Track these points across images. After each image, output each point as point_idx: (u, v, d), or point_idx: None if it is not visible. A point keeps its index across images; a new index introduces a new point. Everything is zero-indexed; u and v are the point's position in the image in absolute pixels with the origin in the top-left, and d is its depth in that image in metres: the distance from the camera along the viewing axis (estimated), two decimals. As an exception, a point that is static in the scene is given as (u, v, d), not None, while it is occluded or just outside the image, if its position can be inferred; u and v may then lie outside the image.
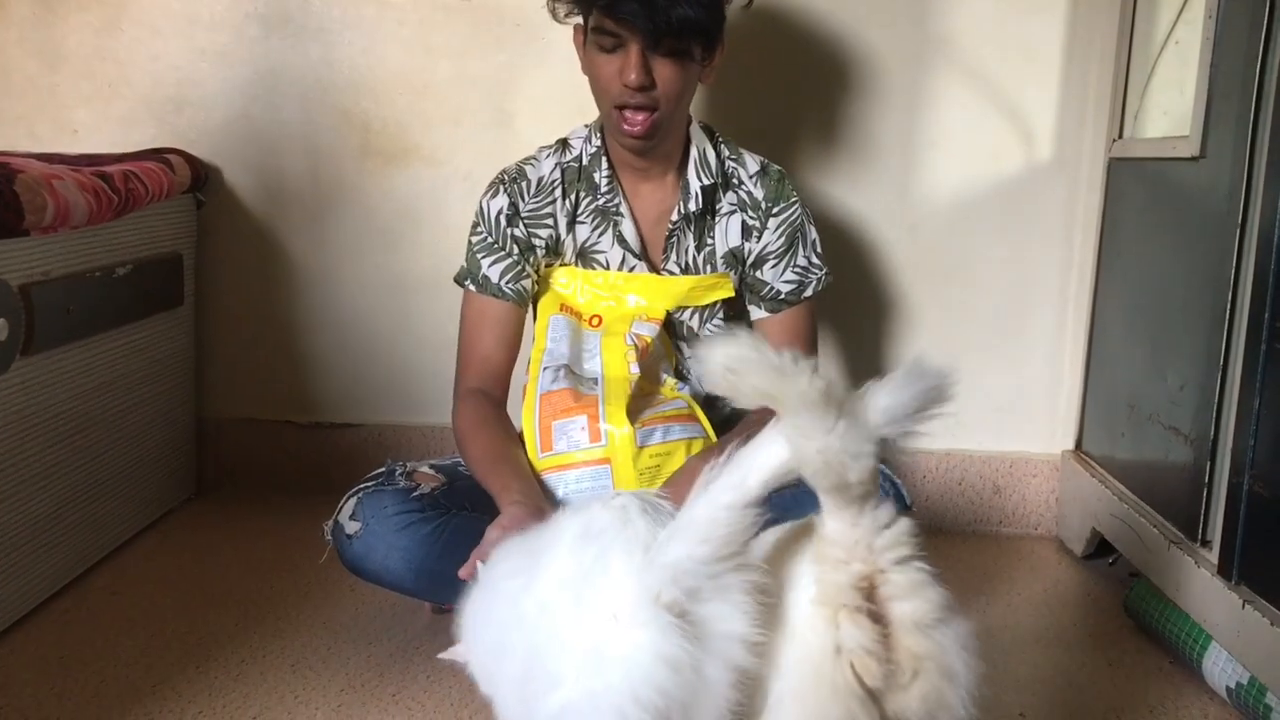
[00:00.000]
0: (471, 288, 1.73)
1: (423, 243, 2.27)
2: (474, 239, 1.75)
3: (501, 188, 1.74)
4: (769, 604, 0.94)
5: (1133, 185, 2.02)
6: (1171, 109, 1.95)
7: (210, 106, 2.25)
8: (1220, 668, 1.58)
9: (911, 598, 0.92)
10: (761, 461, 0.91)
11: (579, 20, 1.67)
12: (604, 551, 0.99)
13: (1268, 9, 1.53)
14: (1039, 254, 2.24)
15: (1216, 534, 1.62)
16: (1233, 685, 1.55)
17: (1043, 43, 2.17)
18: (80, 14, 2.23)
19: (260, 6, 2.21)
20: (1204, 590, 1.61)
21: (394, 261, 2.29)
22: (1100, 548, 2.11)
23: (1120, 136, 2.08)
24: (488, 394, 1.71)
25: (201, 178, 2.21)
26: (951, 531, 2.30)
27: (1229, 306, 1.60)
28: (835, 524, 0.92)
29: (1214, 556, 1.62)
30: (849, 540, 0.92)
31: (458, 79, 2.23)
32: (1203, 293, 1.69)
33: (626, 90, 1.59)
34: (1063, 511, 2.26)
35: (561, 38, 2.16)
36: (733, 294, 1.75)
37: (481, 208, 1.75)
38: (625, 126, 1.62)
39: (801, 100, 2.20)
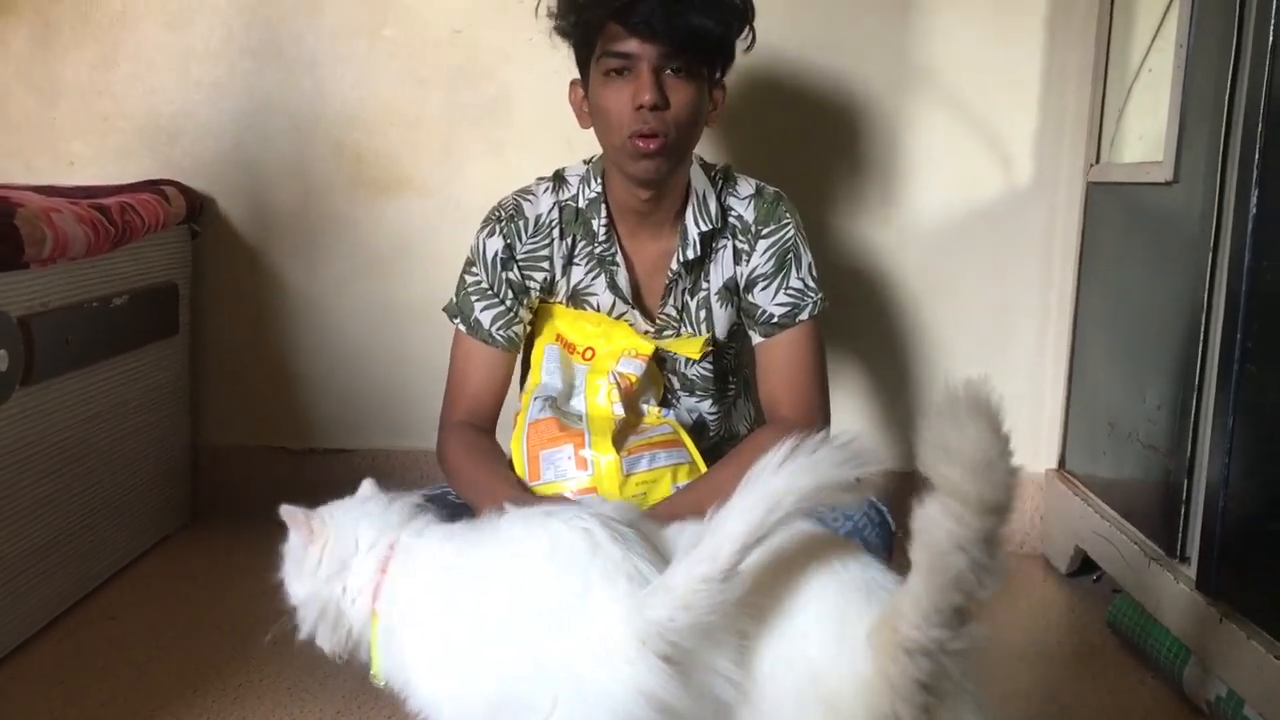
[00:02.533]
0: (462, 328, 1.71)
1: (414, 271, 2.31)
2: (468, 278, 1.72)
3: (498, 226, 1.70)
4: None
5: (1110, 208, 2.07)
6: (1146, 135, 2.00)
7: (204, 138, 2.29)
8: (1201, 681, 1.61)
9: (961, 705, 0.95)
10: (734, 533, 0.94)
11: (575, 77, 1.67)
12: (584, 581, 1.00)
13: (1235, 39, 1.59)
14: (1020, 275, 2.29)
15: (1194, 550, 1.66)
16: (1212, 698, 1.58)
17: (1021, 71, 2.22)
18: (77, 49, 2.27)
19: (253, 41, 2.26)
20: (1183, 605, 1.65)
21: (385, 289, 2.32)
22: (1084, 565, 2.15)
23: (1097, 161, 2.13)
24: (476, 427, 1.71)
25: (196, 208, 2.24)
26: (938, 550, 2.32)
27: (1203, 327, 1.65)
28: (915, 621, 0.91)
29: (1192, 572, 1.65)
30: (923, 640, 0.91)
31: (448, 110, 2.27)
32: (1178, 314, 1.73)
33: (640, 114, 1.54)
34: (1047, 529, 2.29)
35: (550, 70, 2.21)
36: (708, 351, 1.74)
37: (479, 246, 1.71)
38: (640, 144, 1.55)
39: (787, 128, 2.24)
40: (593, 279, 1.71)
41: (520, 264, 1.70)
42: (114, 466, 2.02)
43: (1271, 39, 1.49)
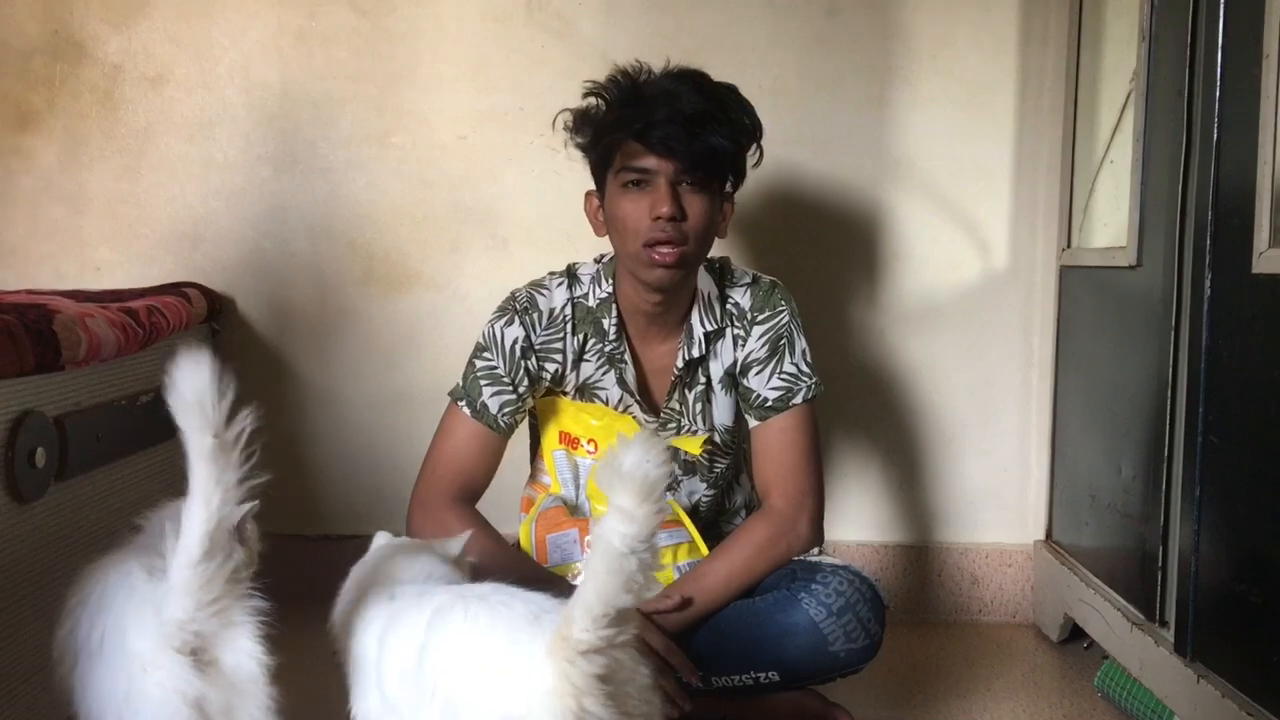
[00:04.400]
0: (466, 411, 1.76)
1: (424, 362, 2.41)
2: (479, 362, 1.77)
3: (515, 317, 1.76)
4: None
5: (1082, 290, 2.18)
6: (1111, 221, 2.12)
7: (224, 242, 2.41)
8: (1183, 741, 1.68)
9: (634, 680, 1.12)
10: (197, 522, 1.09)
11: (591, 188, 1.77)
12: (114, 624, 1.14)
13: (1185, 133, 1.71)
14: (1001, 354, 2.40)
15: (1172, 614, 1.74)
16: (1195, 757, 1.65)
17: (993, 162, 2.36)
18: (103, 161, 2.40)
19: (270, 150, 2.39)
20: (1163, 668, 1.72)
21: (396, 380, 2.43)
22: (1074, 632, 2.21)
23: (1069, 246, 2.25)
24: (472, 508, 1.77)
25: (216, 308, 2.36)
26: (933, 622, 2.40)
27: (1169, 402, 1.75)
28: (585, 626, 1.07)
29: (1171, 636, 1.73)
30: (594, 640, 1.07)
31: (454, 209, 2.40)
32: (1146, 389, 1.83)
33: (657, 224, 1.62)
34: (1038, 599, 2.37)
35: (549, 170, 2.35)
36: (703, 450, 1.82)
37: (494, 334, 1.76)
38: (656, 256, 1.64)
39: (772, 221, 2.36)
40: (602, 374, 1.79)
41: (537, 353, 1.77)
42: (139, 557, 2.10)
43: (1217, 134, 1.62)
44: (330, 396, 2.44)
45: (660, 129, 1.61)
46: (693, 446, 1.80)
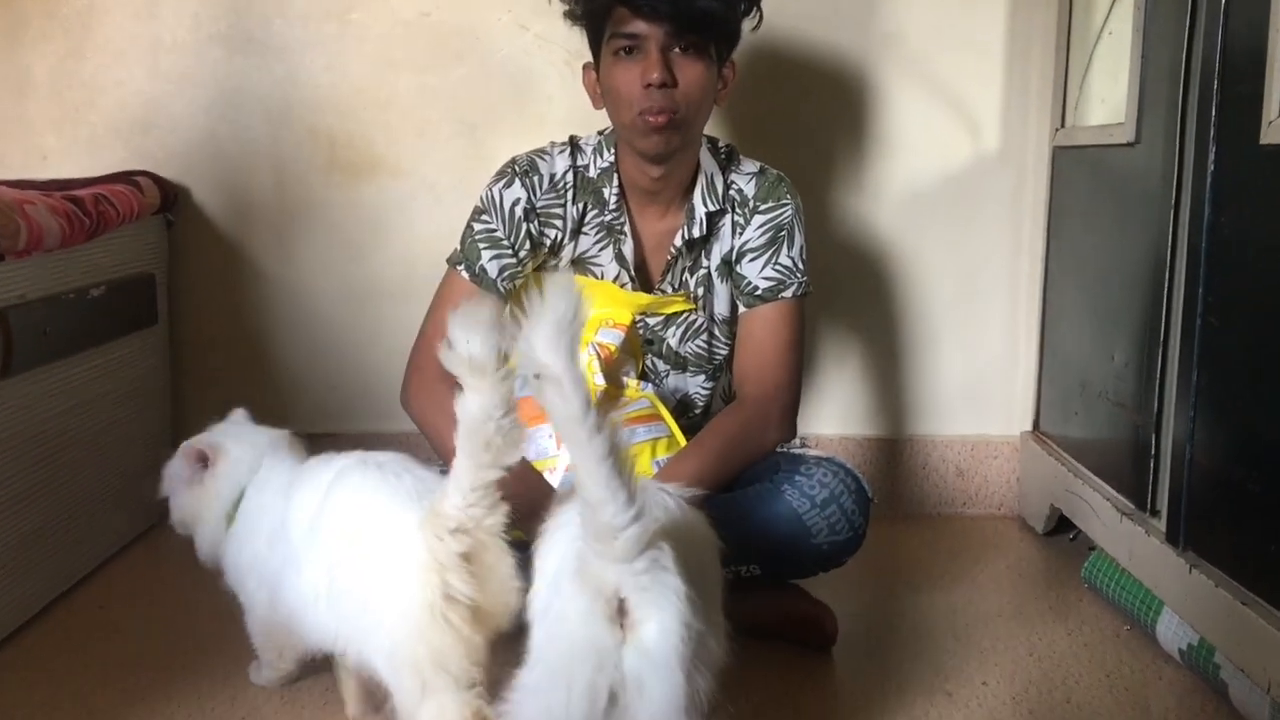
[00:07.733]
0: (465, 275, 1.72)
1: (391, 252, 2.32)
2: (478, 225, 1.73)
3: (516, 179, 1.72)
4: None
5: (1076, 172, 2.10)
6: (1109, 97, 2.02)
7: (176, 128, 2.29)
8: (1173, 631, 1.65)
9: (499, 563, 1.21)
10: None
11: (589, 59, 1.71)
12: None
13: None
14: (991, 240, 2.32)
15: (1164, 504, 1.69)
16: (1184, 647, 1.62)
17: (985, 38, 2.25)
18: (45, 42, 2.26)
19: (222, 28, 2.26)
20: (1154, 558, 1.68)
21: (363, 271, 2.33)
22: (1061, 524, 2.18)
23: (1063, 125, 2.15)
24: None
25: (170, 198, 2.25)
26: (918, 515, 2.36)
27: (1166, 285, 1.68)
28: (456, 502, 1.18)
29: (1162, 525, 1.68)
30: (463, 518, 1.18)
31: (419, 92, 2.28)
32: (1142, 271, 1.76)
33: (649, 92, 1.59)
34: (1024, 490, 2.32)
35: (518, 50, 2.23)
36: (691, 307, 1.78)
37: (494, 196, 1.72)
38: (650, 120, 1.60)
39: (758, 96, 2.25)
40: (600, 249, 1.75)
41: (539, 216, 1.73)
42: (97, 457, 2.03)
43: (1225, -2, 1.52)
44: (293, 290, 2.34)
45: None
46: (679, 304, 1.78)
